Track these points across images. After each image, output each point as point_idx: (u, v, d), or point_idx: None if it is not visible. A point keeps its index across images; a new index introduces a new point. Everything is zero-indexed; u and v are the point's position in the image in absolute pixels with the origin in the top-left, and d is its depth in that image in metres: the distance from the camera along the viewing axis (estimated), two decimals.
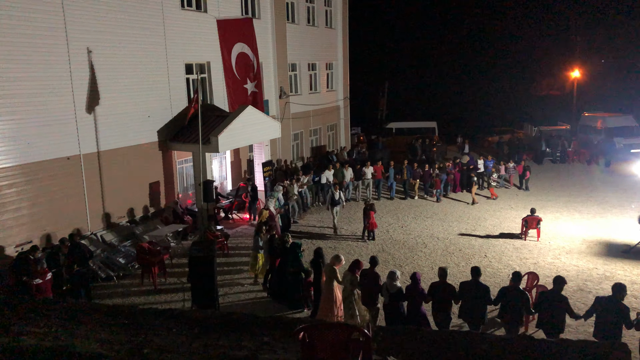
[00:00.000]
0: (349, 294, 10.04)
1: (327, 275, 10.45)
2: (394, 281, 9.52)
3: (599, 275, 13.43)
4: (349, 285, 10.04)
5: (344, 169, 21.27)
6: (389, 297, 9.51)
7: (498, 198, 21.55)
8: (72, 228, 14.30)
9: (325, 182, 20.54)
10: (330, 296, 10.31)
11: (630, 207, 19.42)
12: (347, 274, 10.16)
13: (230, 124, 17.37)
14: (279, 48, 23.71)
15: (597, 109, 35.40)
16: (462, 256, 15.14)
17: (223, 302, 11.92)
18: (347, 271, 10.22)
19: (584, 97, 42.94)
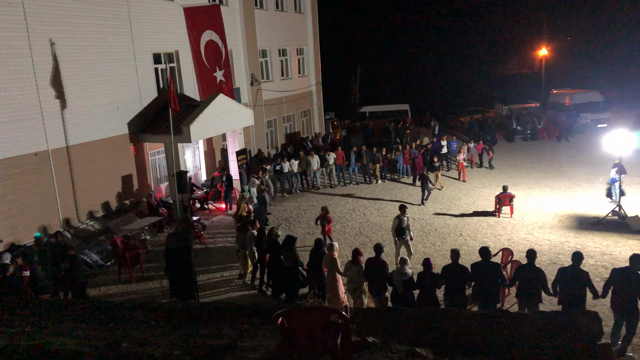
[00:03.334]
0: (358, 286, 9.70)
1: (329, 266, 10.14)
2: (405, 268, 9.23)
3: (571, 248, 13.75)
4: (356, 277, 9.69)
5: (309, 157, 21.03)
6: (402, 285, 9.19)
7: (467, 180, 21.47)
8: (43, 225, 14.02)
9: (288, 171, 20.37)
10: (334, 287, 10.04)
11: (598, 181, 19.91)
12: (351, 265, 9.75)
13: (201, 113, 17.16)
14: (248, 34, 23.44)
15: (565, 85, 36.07)
16: (438, 235, 15.35)
17: (202, 293, 11.86)
18: (350, 263, 9.80)
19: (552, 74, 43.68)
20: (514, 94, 39.91)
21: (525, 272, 8.91)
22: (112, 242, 13.34)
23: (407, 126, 30.06)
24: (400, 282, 9.19)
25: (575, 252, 8.76)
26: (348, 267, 9.84)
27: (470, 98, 41.89)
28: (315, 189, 21.12)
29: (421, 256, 13.19)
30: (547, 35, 44.98)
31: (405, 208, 13.12)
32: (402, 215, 12.88)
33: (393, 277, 9.35)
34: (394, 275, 9.32)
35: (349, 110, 39.14)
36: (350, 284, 9.83)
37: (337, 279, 10.05)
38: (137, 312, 6.83)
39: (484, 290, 8.94)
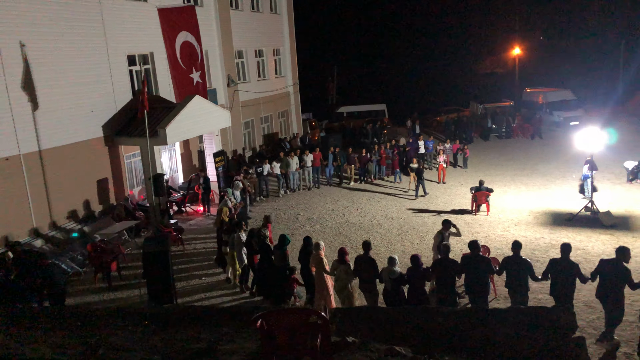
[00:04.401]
0: (345, 285, 9.69)
1: (316, 266, 10.13)
2: (393, 267, 9.26)
3: (546, 244, 14.03)
4: (343, 276, 9.67)
5: (288, 158, 20.94)
6: (391, 283, 9.23)
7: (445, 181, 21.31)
8: (15, 231, 13.72)
9: (267, 174, 20.23)
10: (322, 286, 10.03)
11: (571, 177, 20.30)
12: (338, 265, 9.75)
13: (177, 115, 16.99)
14: (224, 35, 23.31)
15: (538, 84, 36.70)
16: (416, 234, 15.48)
17: (181, 297, 11.75)
18: (337, 262, 9.79)
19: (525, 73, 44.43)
20: (488, 93, 40.47)
21: (512, 262, 9.09)
22: (89, 247, 13.11)
23: (384, 126, 30.26)
24: (389, 281, 9.25)
25: (563, 243, 8.97)
26: (335, 267, 9.86)
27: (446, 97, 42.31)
28: (291, 191, 21.04)
29: (399, 255, 13.33)
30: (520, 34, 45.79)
31: (450, 223, 11.54)
32: (444, 231, 11.41)
33: (382, 275, 9.43)
34: (383, 274, 9.40)
35: (327, 110, 39.24)
36: (337, 283, 9.83)
37: (325, 278, 10.05)
38: (114, 318, 6.74)
39: (474, 283, 9.09)
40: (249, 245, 11.69)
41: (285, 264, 11.01)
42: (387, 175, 22.66)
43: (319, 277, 10.13)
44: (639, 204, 16.90)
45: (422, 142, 23.82)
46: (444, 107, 37.13)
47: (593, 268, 8.88)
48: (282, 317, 4.94)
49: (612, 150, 21.21)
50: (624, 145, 23.83)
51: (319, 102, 43.04)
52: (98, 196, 16.77)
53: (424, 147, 23.71)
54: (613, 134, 21.48)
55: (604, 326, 8.84)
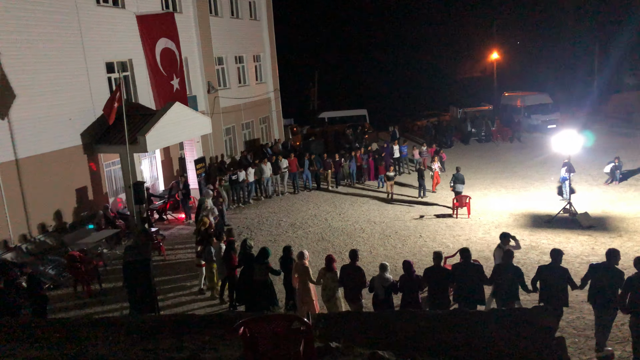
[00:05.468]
0: (333, 293, 9.58)
1: (300, 275, 9.98)
2: (385, 274, 9.17)
3: (526, 246, 14.18)
4: (331, 284, 9.56)
5: (262, 165, 20.79)
6: (384, 291, 9.11)
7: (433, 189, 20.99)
8: None
9: (242, 181, 20.03)
10: (307, 296, 9.92)
11: (549, 180, 20.62)
12: (326, 272, 9.60)
13: (157, 122, 16.87)
14: (204, 42, 23.23)
15: (516, 88, 37.26)
16: (398, 238, 15.56)
17: (163, 305, 11.62)
18: (325, 270, 9.64)
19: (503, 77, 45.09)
20: (468, 98, 40.95)
21: (503, 271, 9.04)
22: (68, 257, 12.91)
23: (365, 131, 30.40)
24: (382, 288, 9.13)
25: (553, 249, 8.97)
26: (322, 275, 9.72)
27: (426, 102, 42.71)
28: (267, 198, 20.97)
29: (382, 259, 13.38)
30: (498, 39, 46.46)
31: (509, 236, 10.50)
32: (504, 245, 10.35)
33: (374, 283, 9.28)
34: (375, 282, 9.25)
35: (308, 116, 39.29)
36: (324, 292, 9.69)
37: (310, 287, 9.93)
38: (94, 329, 6.64)
39: (465, 291, 8.99)
40: (228, 258, 11.29)
41: (267, 279, 10.57)
42: (365, 180, 22.73)
43: (303, 286, 9.99)
44: (615, 205, 17.23)
45: (397, 147, 23.90)
46: (424, 111, 37.48)
47: (571, 269, 8.98)
48: (265, 324, 4.93)
49: (589, 153, 21.62)
50: (601, 148, 24.30)
51: (300, 108, 43.10)
52: (77, 205, 16.53)
53: (398, 152, 23.80)
54: (590, 137, 21.91)
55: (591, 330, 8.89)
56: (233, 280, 11.23)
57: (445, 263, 11.05)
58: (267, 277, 10.51)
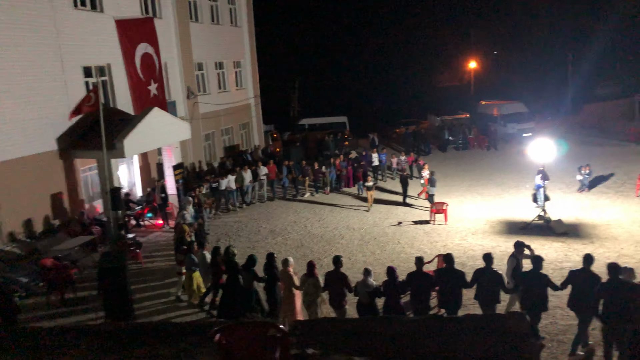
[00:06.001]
0: (314, 299, 9.61)
1: (285, 282, 9.95)
2: (369, 279, 9.24)
3: (502, 252, 14.37)
4: (312, 290, 9.59)
5: (243, 172, 20.74)
6: (367, 296, 9.18)
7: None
8: None
9: (225, 188, 19.96)
10: (291, 303, 9.91)
11: (524, 187, 20.96)
12: (307, 278, 9.67)
13: (135, 127, 16.72)
14: (184, 47, 23.15)
15: (493, 97, 37.88)
16: (377, 244, 15.66)
17: (139, 313, 11.49)
18: (306, 276, 9.71)
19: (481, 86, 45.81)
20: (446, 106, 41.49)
21: (483, 274, 9.21)
22: (41, 264, 12.68)
23: (345, 138, 30.56)
24: (365, 294, 9.20)
25: (535, 256, 9.19)
26: (303, 281, 9.74)
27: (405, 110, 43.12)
28: (247, 205, 20.91)
29: (361, 265, 13.45)
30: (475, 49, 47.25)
31: (523, 245, 10.29)
32: (518, 254, 10.15)
33: (358, 288, 9.34)
34: (359, 287, 9.32)
35: (289, 122, 39.35)
36: (306, 298, 9.71)
37: (295, 294, 9.92)
38: (67, 337, 6.53)
39: (447, 296, 9.12)
40: (215, 265, 11.12)
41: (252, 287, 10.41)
42: (343, 186, 22.80)
43: (288, 293, 9.98)
44: (587, 213, 17.62)
45: (376, 155, 24.05)
46: (403, 119, 37.83)
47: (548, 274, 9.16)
48: (241, 330, 4.93)
49: (563, 161, 22.04)
50: (574, 156, 24.80)
51: (280, 114, 43.14)
52: (52, 211, 16.27)
53: (377, 160, 23.96)
54: (563, 145, 22.37)
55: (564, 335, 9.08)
56: (219, 288, 11.09)
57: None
58: (252, 284, 10.43)
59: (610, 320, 8.04)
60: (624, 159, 24.68)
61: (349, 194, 22.12)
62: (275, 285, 10.21)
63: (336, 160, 23.14)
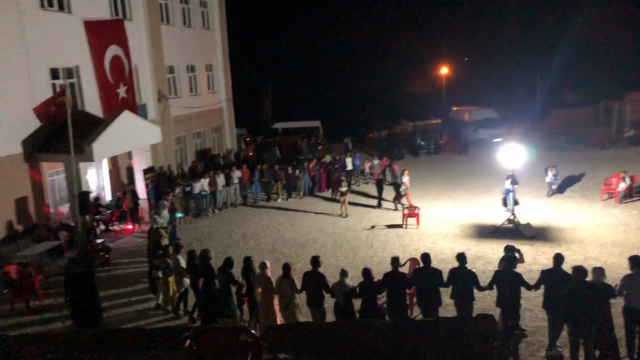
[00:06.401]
0: (290, 301, 9.57)
1: (263, 286, 9.87)
2: (345, 280, 9.25)
3: (472, 255, 14.60)
4: (288, 292, 9.56)
5: (216, 176, 20.54)
6: (343, 297, 9.18)
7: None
8: None
9: (199, 192, 19.71)
10: (270, 307, 9.83)
11: (495, 191, 21.34)
12: (283, 280, 9.63)
13: (105, 130, 16.41)
14: (155, 50, 22.85)
15: (464, 103, 38.50)
16: (350, 248, 15.71)
17: (108, 321, 11.23)
18: (282, 278, 9.66)
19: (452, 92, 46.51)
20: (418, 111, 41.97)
21: (457, 274, 9.37)
22: (5, 271, 12.30)
23: (318, 142, 30.59)
24: (341, 294, 9.21)
25: (507, 255, 9.39)
26: (279, 282, 9.70)
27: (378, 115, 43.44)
28: (219, 209, 20.72)
29: (334, 269, 13.47)
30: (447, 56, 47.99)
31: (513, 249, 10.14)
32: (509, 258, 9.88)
33: (334, 289, 9.37)
34: (335, 288, 9.34)
35: (262, 126, 39.19)
36: (282, 300, 9.67)
37: (273, 297, 9.86)
38: (32, 346, 6.35)
39: (426, 295, 9.22)
40: (193, 268, 10.94)
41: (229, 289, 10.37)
42: (316, 191, 22.78)
43: (266, 297, 9.90)
44: (555, 216, 18.02)
45: (349, 159, 24.14)
46: (376, 124, 38.10)
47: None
48: (212, 336, 4.87)
49: (532, 166, 22.49)
50: (542, 161, 25.34)
51: (253, 118, 42.95)
52: (16, 215, 15.81)
53: (351, 164, 24.05)
54: (532, 150, 22.84)
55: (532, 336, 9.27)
56: (196, 292, 10.94)
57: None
58: (229, 287, 10.36)
59: (576, 321, 8.22)
60: (589, 165, 25.38)
61: (322, 198, 22.15)
62: (253, 289, 10.13)
63: (309, 165, 23.14)
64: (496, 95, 42.53)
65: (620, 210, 18.20)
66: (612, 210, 18.35)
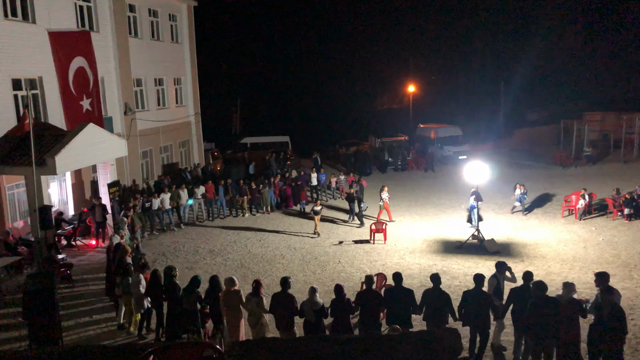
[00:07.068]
0: (258, 319, 9.43)
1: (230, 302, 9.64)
2: (315, 297, 9.11)
3: (438, 270, 14.72)
4: (256, 309, 9.42)
5: (180, 190, 20.26)
6: (314, 315, 9.03)
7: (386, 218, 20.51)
8: None
9: (158, 208, 19.27)
10: (236, 324, 9.68)
11: (460, 208, 21.74)
12: (251, 297, 9.49)
13: (68, 143, 16.03)
14: (122, 63, 22.58)
15: (430, 120, 39.23)
16: (318, 264, 15.69)
17: (68, 340, 10.87)
18: (251, 295, 9.52)
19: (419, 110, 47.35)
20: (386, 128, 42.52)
21: (431, 296, 9.29)
22: None
23: (287, 157, 30.61)
24: (312, 312, 9.07)
25: (476, 274, 9.39)
26: (248, 300, 9.55)
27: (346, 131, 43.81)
28: (185, 225, 20.45)
29: (302, 285, 13.43)
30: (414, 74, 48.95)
31: (505, 266, 10.28)
32: (499, 275, 10.08)
33: (304, 307, 9.20)
34: (305, 306, 9.18)
35: (230, 140, 38.99)
36: (250, 317, 9.53)
37: (240, 314, 9.71)
38: None
39: (396, 315, 9.11)
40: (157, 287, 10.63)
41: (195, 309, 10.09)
42: (284, 207, 22.74)
43: (233, 314, 9.73)
44: (518, 232, 18.44)
45: (315, 175, 24.18)
46: (344, 140, 38.40)
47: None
48: (176, 352, 4.79)
49: (495, 183, 23.06)
50: (505, 178, 26.00)
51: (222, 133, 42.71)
52: None
53: (316, 180, 24.09)
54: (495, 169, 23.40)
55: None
56: (160, 312, 10.65)
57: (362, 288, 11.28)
58: (195, 306, 10.09)
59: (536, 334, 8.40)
60: (550, 181, 26.16)
61: (290, 213, 22.11)
62: (218, 305, 9.91)
63: (275, 180, 23.09)
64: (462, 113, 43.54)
65: (579, 227, 18.77)
66: (572, 226, 18.91)
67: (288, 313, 9.32)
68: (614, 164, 30.58)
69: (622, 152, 31.85)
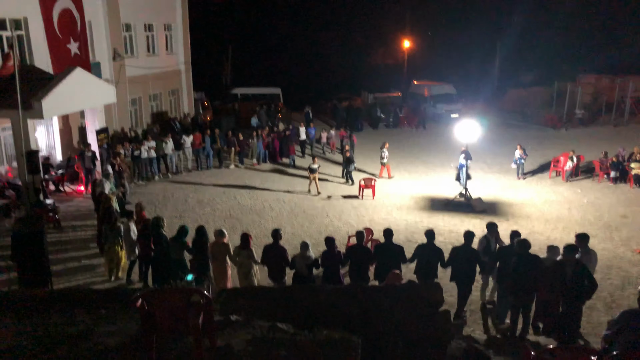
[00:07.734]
0: (248, 270, 9.51)
1: (219, 254, 9.72)
2: (307, 252, 9.29)
3: (424, 227, 14.93)
4: (246, 261, 9.50)
5: (166, 139, 20.14)
6: (306, 268, 9.20)
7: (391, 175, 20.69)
8: None
9: (146, 157, 19.23)
10: (223, 272, 9.78)
11: (449, 166, 21.85)
12: (241, 251, 9.57)
13: (56, 87, 15.67)
14: (110, 6, 21.89)
15: (424, 77, 38.83)
16: (306, 217, 15.85)
17: (56, 280, 11.01)
18: (240, 248, 9.60)
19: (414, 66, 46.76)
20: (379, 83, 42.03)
21: (423, 250, 9.51)
22: None
23: (278, 110, 30.32)
24: (304, 266, 9.24)
25: (466, 231, 9.56)
26: (237, 253, 9.65)
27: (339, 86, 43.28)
28: (173, 174, 20.41)
29: (289, 237, 13.60)
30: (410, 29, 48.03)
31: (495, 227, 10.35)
32: (490, 236, 10.17)
33: (296, 261, 9.37)
34: (297, 260, 9.34)
35: (221, 91, 38.41)
36: (240, 270, 9.64)
37: (227, 266, 9.80)
38: None
39: (386, 271, 9.12)
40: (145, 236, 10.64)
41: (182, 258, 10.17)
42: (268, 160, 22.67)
43: (221, 264, 9.82)
44: (505, 192, 18.68)
45: (303, 129, 24.02)
46: (338, 94, 37.98)
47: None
48: (164, 297, 4.88)
49: (485, 142, 23.08)
50: (496, 138, 26.10)
51: (212, 82, 41.97)
52: None
53: (305, 134, 23.94)
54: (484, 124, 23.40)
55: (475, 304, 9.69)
56: (148, 260, 10.72)
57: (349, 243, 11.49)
58: (183, 255, 10.18)
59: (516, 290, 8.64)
60: (540, 143, 26.27)
61: (279, 166, 22.12)
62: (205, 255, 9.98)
63: (263, 133, 22.93)
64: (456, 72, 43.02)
65: (566, 188, 19.02)
66: (558, 187, 19.16)
67: (279, 265, 9.48)
68: (604, 127, 30.72)
69: (612, 116, 31.93)
